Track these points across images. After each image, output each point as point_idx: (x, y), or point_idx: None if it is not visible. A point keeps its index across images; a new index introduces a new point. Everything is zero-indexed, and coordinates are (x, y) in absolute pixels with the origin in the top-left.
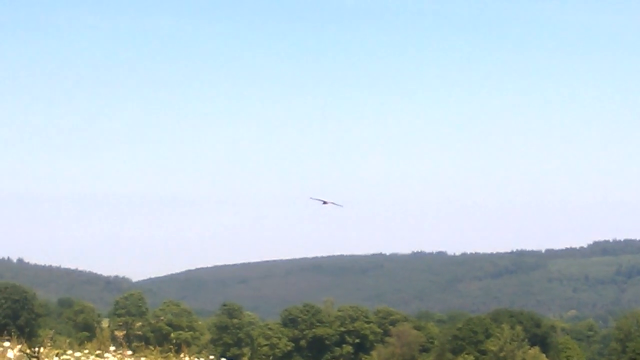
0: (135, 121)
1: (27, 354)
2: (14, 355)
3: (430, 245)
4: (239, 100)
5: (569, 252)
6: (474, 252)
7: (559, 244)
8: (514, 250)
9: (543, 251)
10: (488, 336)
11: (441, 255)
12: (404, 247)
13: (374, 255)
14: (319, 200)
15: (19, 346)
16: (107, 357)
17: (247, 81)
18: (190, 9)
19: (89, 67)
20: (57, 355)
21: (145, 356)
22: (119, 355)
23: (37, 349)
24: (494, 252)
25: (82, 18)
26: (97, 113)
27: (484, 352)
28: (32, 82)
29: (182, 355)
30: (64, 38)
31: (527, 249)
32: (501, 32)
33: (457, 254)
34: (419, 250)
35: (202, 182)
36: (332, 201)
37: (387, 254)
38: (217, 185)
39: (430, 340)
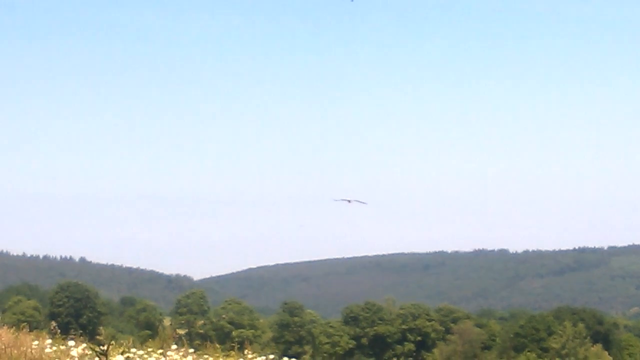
0: (189, 121)
1: (95, 351)
2: (78, 354)
3: (492, 242)
4: (289, 101)
5: (632, 249)
6: (535, 249)
7: (622, 241)
8: (576, 247)
9: (605, 248)
10: (550, 334)
11: (503, 252)
12: (465, 244)
13: (435, 253)
14: (343, 200)
15: (83, 345)
16: (170, 356)
17: (296, 80)
18: (197, 9)
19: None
20: (122, 353)
21: (208, 354)
22: (181, 353)
23: (105, 346)
24: (556, 249)
25: (97, 16)
26: (145, 112)
27: (546, 350)
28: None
29: (246, 352)
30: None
31: (590, 246)
32: (502, 30)
33: (519, 251)
34: (481, 248)
35: (264, 181)
36: (356, 199)
37: (449, 251)
38: (279, 183)
39: (492, 338)
